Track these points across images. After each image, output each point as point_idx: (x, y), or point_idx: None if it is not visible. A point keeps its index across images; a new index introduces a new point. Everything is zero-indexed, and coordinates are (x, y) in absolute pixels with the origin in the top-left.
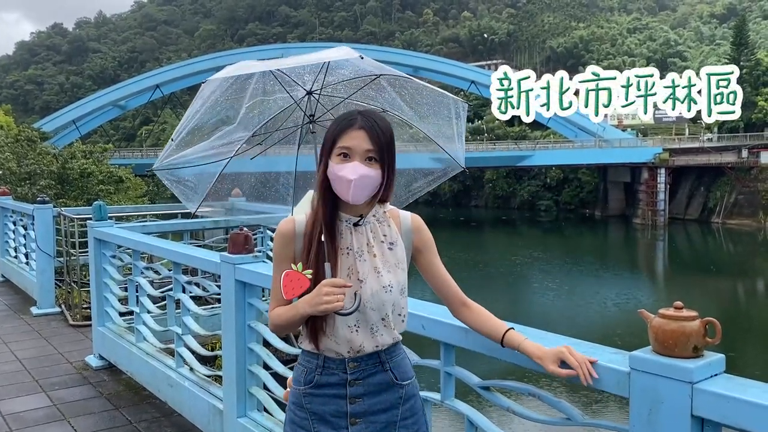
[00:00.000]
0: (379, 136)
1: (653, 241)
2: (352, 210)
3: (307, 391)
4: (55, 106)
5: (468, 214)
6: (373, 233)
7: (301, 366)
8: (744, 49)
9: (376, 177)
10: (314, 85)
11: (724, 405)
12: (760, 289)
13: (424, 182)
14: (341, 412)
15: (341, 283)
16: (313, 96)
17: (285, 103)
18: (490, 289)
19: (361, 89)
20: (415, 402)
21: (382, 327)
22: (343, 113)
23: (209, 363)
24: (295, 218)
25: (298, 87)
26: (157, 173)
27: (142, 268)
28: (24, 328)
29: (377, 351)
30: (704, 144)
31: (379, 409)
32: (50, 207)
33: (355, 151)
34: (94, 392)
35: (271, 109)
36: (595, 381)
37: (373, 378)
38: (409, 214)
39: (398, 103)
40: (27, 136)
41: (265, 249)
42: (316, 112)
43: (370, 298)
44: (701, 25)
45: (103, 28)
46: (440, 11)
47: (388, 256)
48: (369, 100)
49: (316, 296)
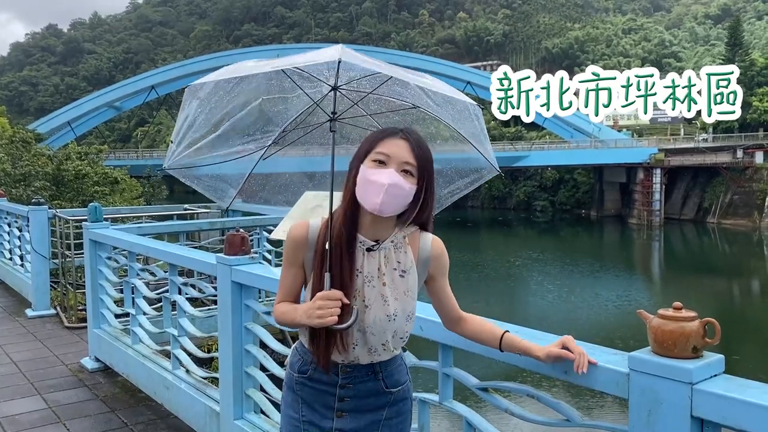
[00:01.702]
0: (421, 152)
1: (649, 241)
2: (370, 232)
3: (300, 379)
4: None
5: (464, 215)
6: (387, 259)
7: (297, 353)
8: (738, 49)
9: (408, 191)
10: (339, 80)
11: (723, 405)
12: (755, 289)
13: (462, 183)
14: (329, 405)
15: (337, 296)
16: (339, 90)
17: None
18: (487, 290)
19: (385, 82)
20: (404, 404)
21: (381, 349)
22: (384, 128)
23: (205, 365)
24: (310, 223)
25: (321, 83)
26: (173, 172)
27: (138, 269)
28: (19, 331)
29: (372, 363)
30: (699, 144)
31: (365, 409)
32: (45, 209)
33: (393, 159)
34: (90, 395)
35: (297, 106)
36: (595, 382)
37: (364, 385)
38: (430, 239)
39: (425, 100)
40: (22, 138)
41: (262, 250)
42: (338, 108)
43: (371, 324)
44: (696, 26)
45: (98, 29)
46: (436, 12)
47: (398, 284)
48: (397, 96)
49: (311, 308)
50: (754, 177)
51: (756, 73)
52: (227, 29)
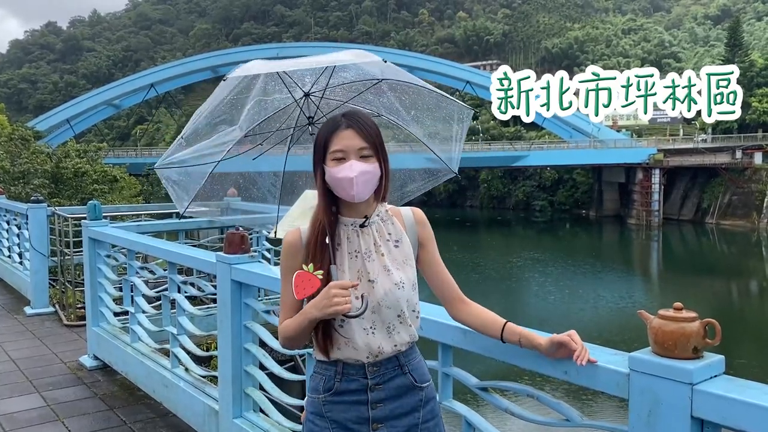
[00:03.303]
0: (368, 132)
1: (648, 241)
2: (355, 212)
3: (327, 398)
4: (49, 105)
5: (463, 215)
6: (379, 232)
7: (317, 374)
8: (738, 50)
9: (375, 171)
10: (313, 87)
11: (723, 406)
12: (755, 290)
13: (416, 186)
14: (363, 418)
15: (349, 284)
16: (310, 98)
17: (282, 104)
18: (487, 290)
19: (360, 93)
20: (435, 405)
21: (398, 324)
22: (327, 120)
23: (205, 363)
24: (301, 228)
25: (297, 88)
26: (157, 172)
27: (137, 267)
28: (18, 328)
29: (396, 354)
30: (698, 145)
31: (400, 413)
32: (44, 206)
33: (349, 150)
34: (89, 393)
35: (267, 110)
36: (595, 382)
37: (393, 382)
38: (410, 209)
39: (396, 107)
40: (21, 135)
41: (261, 249)
42: (315, 115)
43: (383, 297)
44: (695, 27)
45: (98, 27)
46: (435, 11)
47: (396, 254)
48: (366, 104)
49: (324, 299)
50: (752, 178)
51: (755, 74)
52: (227, 28)
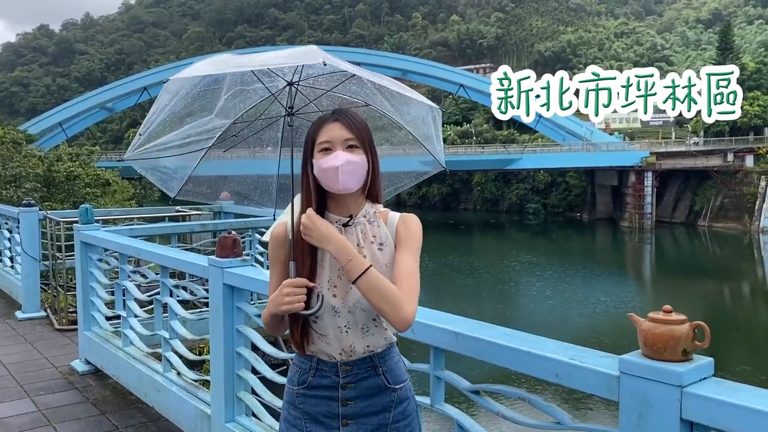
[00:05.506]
0: (355, 124)
1: (641, 244)
2: (342, 209)
3: (300, 391)
4: (41, 108)
5: (457, 217)
6: (363, 234)
7: (295, 366)
8: (729, 53)
9: (361, 162)
10: (295, 76)
11: (713, 408)
12: (746, 292)
13: (407, 178)
14: (333, 413)
15: (302, 283)
16: (294, 87)
17: (266, 93)
18: (479, 292)
19: (343, 82)
20: (408, 405)
21: (373, 327)
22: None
23: (197, 367)
24: (287, 221)
25: (279, 78)
26: (131, 163)
27: (129, 271)
28: (9, 333)
29: (370, 355)
30: (690, 148)
31: (370, 411)
32: (36, 210)
33: (335, 141)
34: (80, 397)
35: (252, 98)
36: (585, 384)
37: (366, 382)
38: (398, 214)
39: (380, 99)
40: (12, 139)
41: (254, 252)
42: (295, 104)
43: (360, 299)
44: (687, 30)
45: (90, 30)
46: (429, 15)
47: (378, 257)
48: (351, 94)
49: (278, 296)
50: (744, 180)
51: (746, 77)
52: (220, 31)
